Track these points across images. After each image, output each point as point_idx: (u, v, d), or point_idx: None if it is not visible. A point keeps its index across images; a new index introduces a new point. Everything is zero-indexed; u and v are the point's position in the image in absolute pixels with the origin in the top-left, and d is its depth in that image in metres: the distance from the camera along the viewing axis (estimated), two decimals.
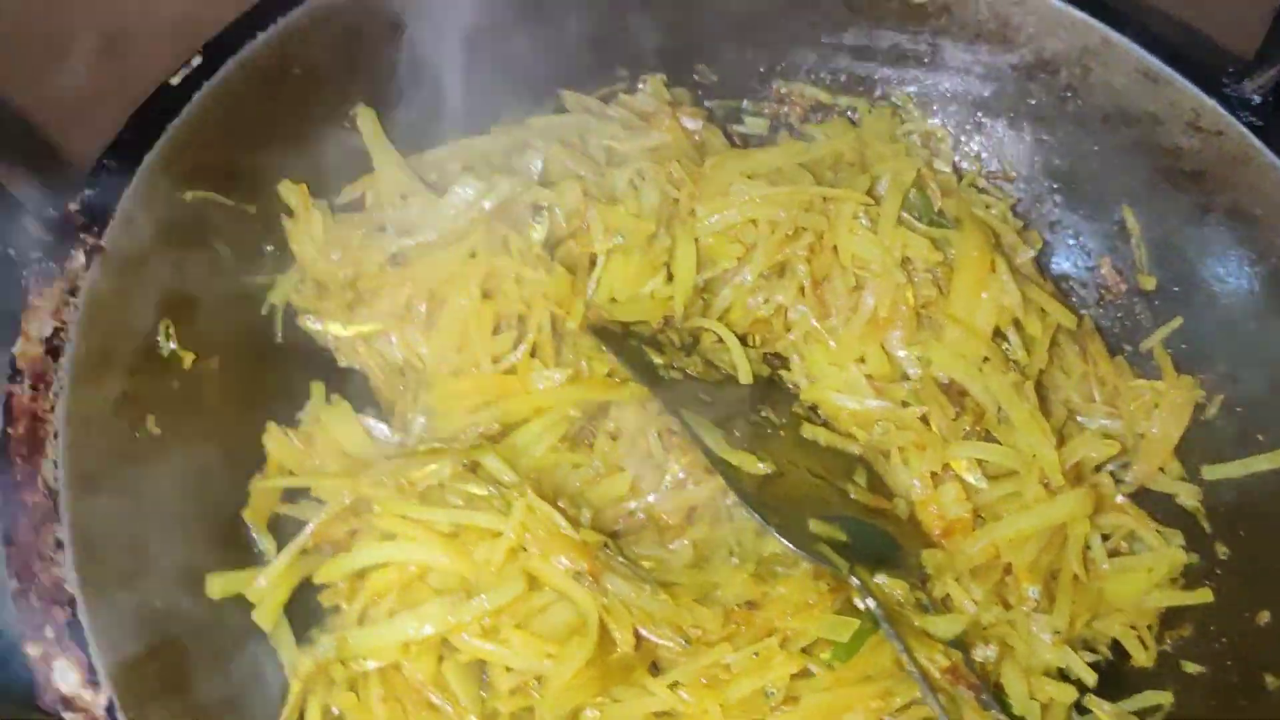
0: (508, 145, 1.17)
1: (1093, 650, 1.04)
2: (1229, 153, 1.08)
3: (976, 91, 1.23)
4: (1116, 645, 1.05)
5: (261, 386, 1.05)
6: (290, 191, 1.07)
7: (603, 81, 1.25)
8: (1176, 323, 1.14)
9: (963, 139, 1.25)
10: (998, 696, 0.90)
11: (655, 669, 0.92)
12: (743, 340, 1.12)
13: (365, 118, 1.12)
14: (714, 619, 0.91)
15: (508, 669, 0.88)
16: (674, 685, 0.88)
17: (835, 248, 1.09)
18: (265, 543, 0.98)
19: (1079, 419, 1.13)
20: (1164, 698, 0.99)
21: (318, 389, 1.07)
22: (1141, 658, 1.03)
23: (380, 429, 1.06)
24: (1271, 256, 1.06)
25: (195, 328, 0.99)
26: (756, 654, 0.89)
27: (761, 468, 0.97)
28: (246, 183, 1.06)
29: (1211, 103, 1.09)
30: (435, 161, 1.16)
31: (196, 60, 1.01)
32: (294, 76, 1.07)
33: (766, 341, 1.13)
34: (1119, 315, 1.19)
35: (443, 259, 1.03)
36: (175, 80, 0.99)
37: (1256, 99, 1.08)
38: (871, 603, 0.88)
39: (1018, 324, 1.08)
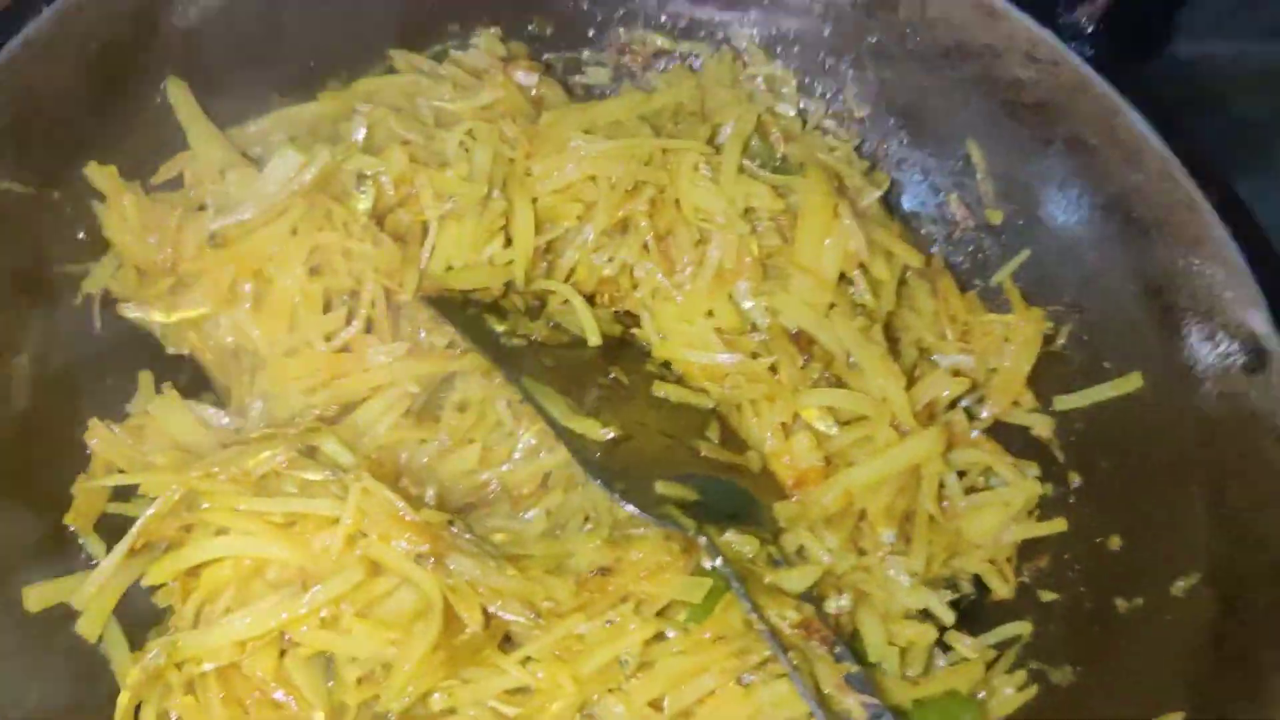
0: (334, 112, 1.11)
1: (956, 588, 1.04)
2: (1066, 83, 1.08)
3: (817, 31, 1.21)
4: (978, 580, 1.05)
5: (81, 382, 1.00)
6: (98, 174, 1.01)
7: (434, 39, 1.20)
8: (1024, 255, 1.14)
9: (806, 80, 1.23)
10: (854, 646, 0.90)
11: (511, 644, 0.89)
12: (592, 300, 1.09)
13: (176, 90, 1.06)
14: (566, 589, 0.89)
15: (353, 659, 0.85)
16: (526, 661, 0.86)
17: (677, 201, 1.07)
18: (94, 546, 0.93)
19: (933, 357, 1.12)
20: (1023, 628, 1.00)
21: (145, 379, 1.02)
22: (1001, 591, 1.04)
23: (217, 416, 1.01)
24: (1108, 185, 1.07)
25: None
26: (610, 622, 0.88)
27: (605, 433, 0.94)
28: (47, 167, 0.99)
29: (1046, 33, 1.08)
30: (258, 134, 1.10)
31: None
32: (91, 50, 1.00)
33: (615, 300, 1.10)
34: (969, 250, 1.19)
35: (264, 237, 0.98)
36: None
37: (1089, 28, 1.07)
38: (720, 562, 0.87)
39: (864, 267, 1.06)
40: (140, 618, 0.92)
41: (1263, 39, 1.93)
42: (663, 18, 1.25)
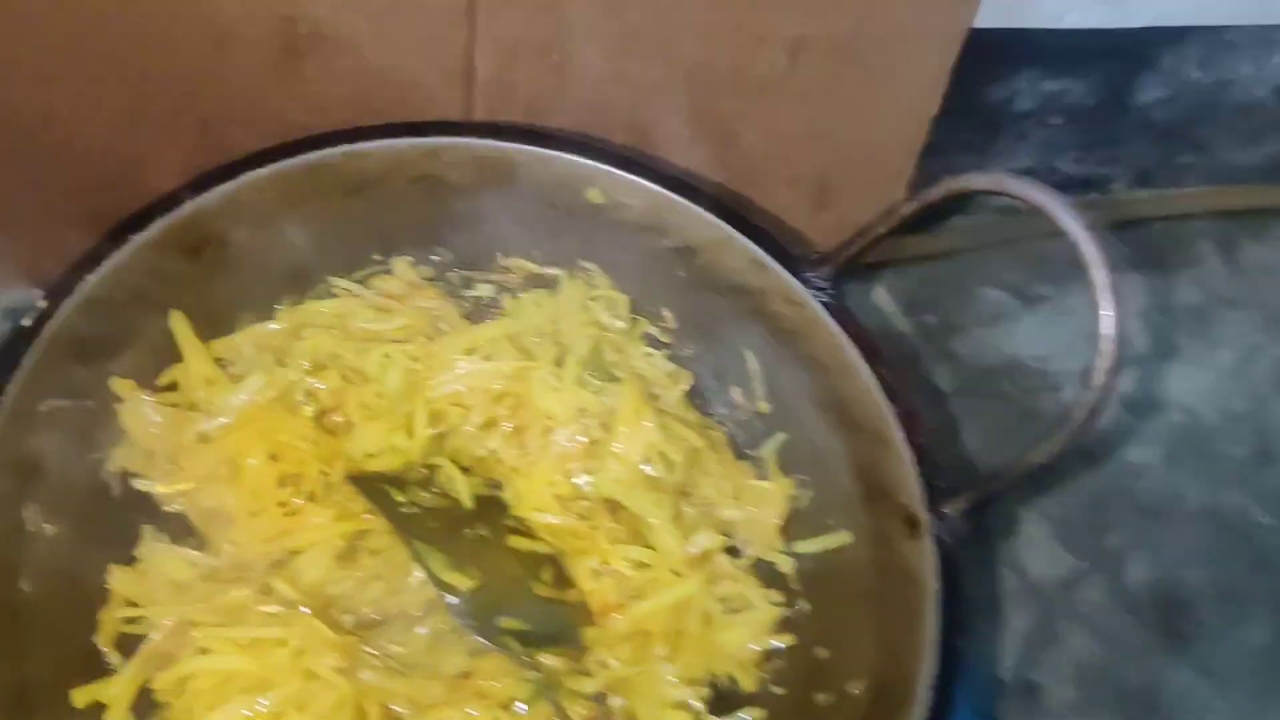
0: (288, 329, 1.55)
1: (716, 683, 1.50)
2: (808, 319, 1.54)
3: (645, 266, 1.66)
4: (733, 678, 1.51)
5: (104, 534, 1.42)
6: (119, 385, 1.44)
7: (363, 264, 1.64)
8: (781, 438, 1.60)
9: (636, 298, 1.69)
10: None
11: None
12: (468, 470, 1.54)
13: (178, 321, 1.49)
14: (440, 689, 1.34)
15: None
16: None
17: (531, 405, 1.52)
18: (114, 658, 1.36)
19: (715, 510, 1.58)
20: (759, 713, 1.46)
21: (148, 531, 1.44)
22: (748, 686, 1.49)
23: (200, 558, 1.44)
24: (833, 394, 1.51)
25: (51, 501, 1.36)
26: (470, 711, 1.33)
27: (468, 583, 1.39)
28: (86, 384, 1.42)
29: (796, 284, 1.54)
30: (233, 345, 1.54)
31: (41, 303, 1.36)
32: (119, 301, 1.43)
33: (485, 471, 1.55)
34: (744, 431, 1.65)
35: (238, 435, 1.42)
36: (27, 322, 1.35)
37: (822, 283, 1.54)
38: (537, 674, 1.33)
39: (662, 454, 1.52)
40: (144, 710, 1.34)
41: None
42: (534, 249, 1.70)
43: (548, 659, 1.34)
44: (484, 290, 1.70)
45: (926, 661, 1.32)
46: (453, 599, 1.38)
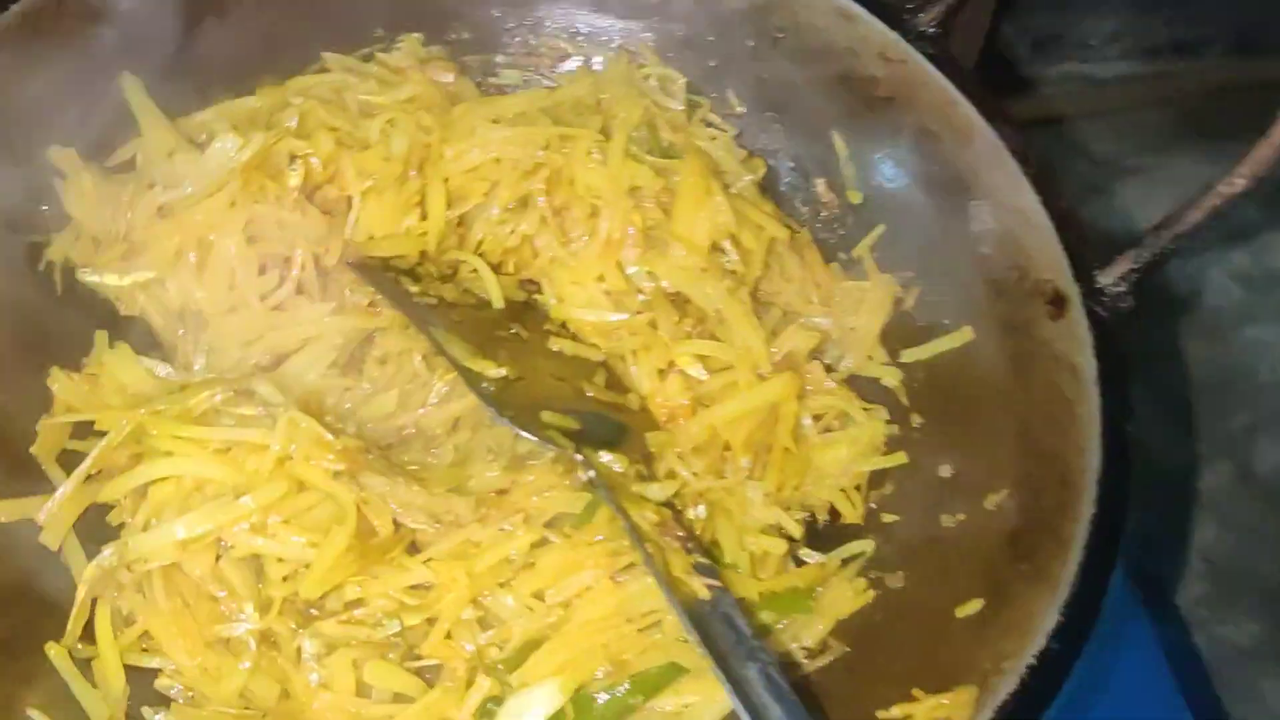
0: (271, 105, 1.26)
1: (814, 513, 1.20)
2: (911, 78, 1.25)
3: (704, 36, 1.38)
4: (834, 508, 1.21)
5: (45, 339, 1.14)
6: (59, 155, 1.16)
7: (362, 42, 1.36)
8: (879, 230, 1.31)
9: (694, 80, 1.39)
10: (712, 554, 1.05)
11: (417, 550, 1.04)
12: (498, 268, 1.25)
13: (130, 85, 1.20)
14: (466, 505, 1.04)
15: (279, 559, 0.99)
16: (428, 561, 1.01)
17: (572, 180, 1.23)
18: (55, 474, 1.07)
19: (801, 320, 1.28)
20: (867, 545, 1.16)
21: (101, 336, 1.16)
22: (851, 515, 1.19)
23: (163, 369, 1.15)
24: (947, 166, 1.23)
25: None
26: (503, 530, 1.03)
27: (498, 371, 1.09)
28: (16, 152, 1.13)
29: (895, 36, 1.25)
30: (203, 123, 1.25)
31: None
32: (54, 48, 1.15)
33: (519, 268, 1.26)
34: (834, 227, 1.36)
35: (206, 208, 1.13)
36: None
37: (930, 31, 1.25)
38: (592, 474, 1.02)
39: (734, 239, 1.22)
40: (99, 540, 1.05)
41: None
42: (566, 26, 1.41)
43: (607, 459, 1.04)
44: (508, 76, 1.42)
45: (1091, 452, 1.02)
46: (484, 386, 1.08)
